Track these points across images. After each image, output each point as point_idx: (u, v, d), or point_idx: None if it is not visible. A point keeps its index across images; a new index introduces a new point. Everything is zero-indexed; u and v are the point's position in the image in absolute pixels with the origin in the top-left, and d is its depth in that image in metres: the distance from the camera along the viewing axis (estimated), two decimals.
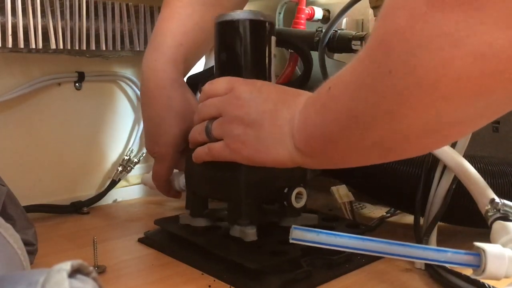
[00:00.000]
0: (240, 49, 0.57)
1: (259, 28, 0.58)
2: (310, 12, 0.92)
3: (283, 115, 0.49)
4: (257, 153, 0.50)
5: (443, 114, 0.34)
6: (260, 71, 0.58)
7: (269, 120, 0.49)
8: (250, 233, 0.54)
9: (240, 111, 0.51)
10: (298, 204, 0.57)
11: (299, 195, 0.57)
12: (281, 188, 0.57)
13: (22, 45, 0.71)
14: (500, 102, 0.33)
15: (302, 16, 0.91)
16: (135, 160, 0.86)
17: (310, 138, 0.46)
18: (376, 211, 0.79)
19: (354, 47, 0.74)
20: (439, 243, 0.58)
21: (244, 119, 0.50)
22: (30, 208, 0.73)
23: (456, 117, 0.34)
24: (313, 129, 0.45)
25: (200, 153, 0.56)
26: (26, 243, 0.46)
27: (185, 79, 0.72)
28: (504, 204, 0.50)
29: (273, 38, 0.59)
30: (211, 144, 0.54)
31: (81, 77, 0.82)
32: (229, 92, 0.53)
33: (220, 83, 0.55)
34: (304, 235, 0.41)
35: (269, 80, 0.59)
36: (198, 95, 0.73)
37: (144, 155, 0.89)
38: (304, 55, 0.77)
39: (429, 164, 0.63)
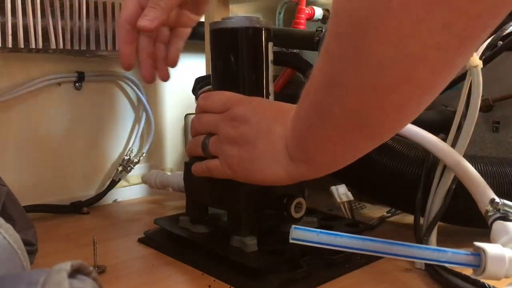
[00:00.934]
0: (236, 57, 0.57)
1: (256, 35, 0.57)
2: (310, 12, 0.92)
3: (277, 132, 0.49)
4: (252, 173, 0.51)
5: (404, 42, 0.31)
6: (257, 79, 0.58)
7: (263, 140, 0.50)
8: (251, 244, 0.55)
9: (235, 132, 0.51)
10: (298, 214, 0.57)
11: (298, 205, 0.57)
12: (281, 197, 0.57)
13: (22, 45, 0.71)
14: (459, 11, 0.29)
15: (302, 16, 0.91)
16: (135, 160, 0.87)
17: (299, 136, 0.46)
18: (376, 211, 0.79)
19: None
20: (439, 243, 0.57)
21: (238, 140, 0.51)
22: (30, 208, 0.73)
23: (419, 49, 0.31)
24: (301, 124, 0.45)
25: (198, 170, 0.57)
26: (26, 243, 0.46)
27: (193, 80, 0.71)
28: (504, 204, 0.50)
29: (270, 44, 0.58)
30: (208, 161, 0.55)
31: (81, 77, 0.82)
32: (225, 111, 0.53)
33: (216, 100, 0.55)
34: (304, 235, 0.41)
35: (267, 87, 0.59)
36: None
37: (144, 155, 0.89)
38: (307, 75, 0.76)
39: (429, 164, 0.63)
